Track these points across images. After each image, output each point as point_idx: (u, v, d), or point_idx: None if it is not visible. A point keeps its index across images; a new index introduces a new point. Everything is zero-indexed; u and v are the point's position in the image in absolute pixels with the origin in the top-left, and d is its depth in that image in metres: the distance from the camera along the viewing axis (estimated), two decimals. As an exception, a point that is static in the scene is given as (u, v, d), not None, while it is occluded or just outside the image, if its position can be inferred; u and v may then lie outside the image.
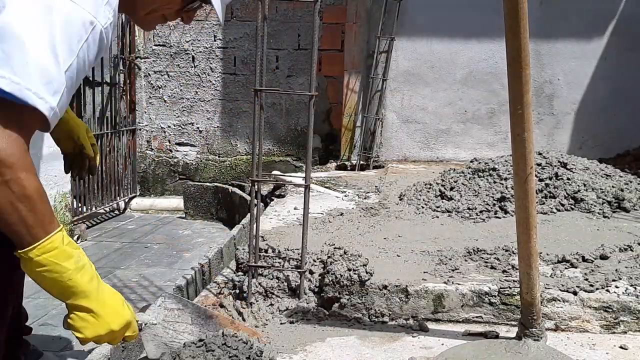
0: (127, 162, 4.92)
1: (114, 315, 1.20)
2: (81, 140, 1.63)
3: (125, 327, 1.23)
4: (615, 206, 2.66)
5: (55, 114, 1.09)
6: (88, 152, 1.67)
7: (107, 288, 1.22)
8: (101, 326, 1.18)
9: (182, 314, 1.39)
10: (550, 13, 4.36)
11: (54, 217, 1.12)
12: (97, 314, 1.17)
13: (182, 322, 1.39)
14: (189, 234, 4.04)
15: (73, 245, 1.16)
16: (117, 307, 1.21)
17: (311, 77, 1.72)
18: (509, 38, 1.25)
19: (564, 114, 4.52)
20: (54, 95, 1.07)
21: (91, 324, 1.18)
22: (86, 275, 1.15)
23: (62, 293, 1.14)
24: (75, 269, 1.13)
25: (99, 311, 1.17)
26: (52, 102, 1.07)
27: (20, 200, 1.05)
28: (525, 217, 1.39)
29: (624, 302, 1.67)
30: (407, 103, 4.63)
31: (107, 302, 1.19)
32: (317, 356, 1.52)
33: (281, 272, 1.84)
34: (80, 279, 1.14)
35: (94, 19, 1.11)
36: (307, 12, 4.70)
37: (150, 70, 5.02)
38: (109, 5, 1.15)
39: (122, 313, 1.22)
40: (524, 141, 1.33)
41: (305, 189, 1.76)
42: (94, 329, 1.18)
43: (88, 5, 1.10)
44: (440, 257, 2.00)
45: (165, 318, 1.37)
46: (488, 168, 2.91)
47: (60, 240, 1.12)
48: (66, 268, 1.12)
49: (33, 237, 1.08)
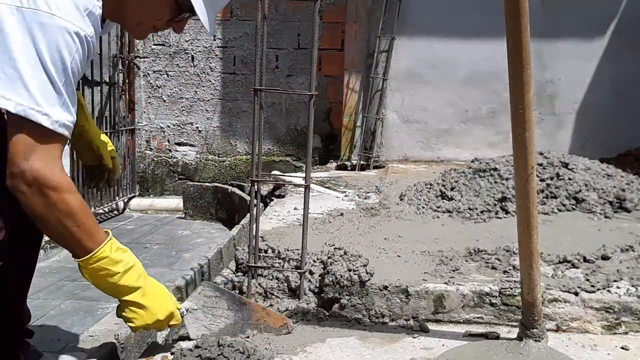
0: (126, 162, 4.91)
1: (160, 307, 1.38)
2: (100, 151, 1.64)
3: (169, 316, 1.41)
4: (616, 206, 2.66)
5: (63, 125, 1.19)
6: (107, 163, 1.67)
7: (153, 282, 1.40)
8: (149, 317, 1.37)
9: (219, 300, 1.57)
10: (551, 13, 4.35)
11: (99, 229, 1.29)
12: (145, 307, 1.36)
13: (220, 308, 1.57)
14: (188, 234, 4.03)
15: (122, 249, 1.33)
16: (162, 299, 1.39)
17: (311, 77, 1.71)
18: (509, 38, 1.25)
19: (565, 113, 4.51)
20: (54, 107, 1.16)
21: (140, 315, 1.37)
22: (134, 275, 1.34)
23: (115, 292, 1.33)
24: (124, 272, 1.31)
25: (147, 304, 1.36)
26: (55, 115, 1.16)
27: (67, 217, 1.21)
28: (527, 217, 1.38)
29: (625, 302, 1.66)
30: (407, 103, 4.62)
31: (153, 296, 1.37)
32: (317, 357, 1.51)
33: (281, 272, 1.83)
34: (129, 279, 1.32)
35: (79, 30, 1.19)
36: (307, 11, 4.69)
37: (149, 69, 5.01)
38: (90, 15, 1.22)
39: (167, 304, 1.40)
40: (525, 141, 1.32)
41: (305, 189, 1.76)
42: (143, 319, 1.37)
43: (73, 19, 1.18)
44: (441, 258, 1.99)
45: (204, 304, 1.56)
46: (489, 168, 2.91)
47: (109, 249, 1.29)
48: (116, 271, 1.30)
49: (85, 249, 1.25)
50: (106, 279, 1.29)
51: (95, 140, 1.62)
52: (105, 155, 1.65)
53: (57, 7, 1.15)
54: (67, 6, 1.17)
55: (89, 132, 1.60)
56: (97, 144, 1.62)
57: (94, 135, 1.61)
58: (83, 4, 1.21)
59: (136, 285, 1.34)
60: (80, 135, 1.57)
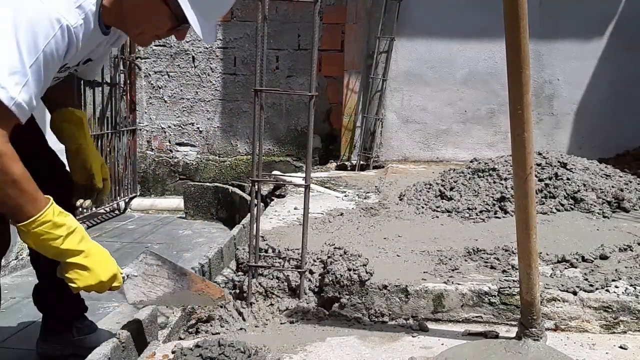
0: (127, 162, 4.92)
1: (103, 268, 1.39)
2: (92, 170, 1.68)
3: (112, 278, 1.41)
4: (615, 206, 2.67)
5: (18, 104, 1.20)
6: (97, 183, 1.71)
7: (96, 245, 1.40)
8: (92, 278, 1.38)
9: (160, 269, 1.56)
10: (550, 13, 4.36)
11: (41, 195, 1.30)
12: (88, 269, 1.37)
13: (160, 277, 1.56)
14: (189, 234, 4.04)
15: (63, 214, 1.33)
16: (105, 261, 1.40)
17: (311, 77, 1.72)
18: (508, 38, 1.26)
19: (564, 114, 4.52)
20: (16, 86, 1.18)
21: (83, 276, 1.37)
22: (76, 238, 1.34)
23: (58, 255, 1.34)
24: (66, 235, 1.32)
25: (90, 266, 1.37)
26: (13, 92, 1.18)
27: (9, 184, 1.23)
28: (525, 217, 1.39)
29: (623, 302, 1.67)
30: (407, 103, 4.63)
31: (96, 257, 1.38)
32: (317, 356, 1.52)
33: (281, 272, 1.84)
34: (71, 242, 1.33)
35: (61, 17, 1.24)
36: (307, 12, 4.70)
37: (150, 70, 5.02)
38: (80, 8, 1.29)
39: (110, 266, 1.41)
40: (524, 141, 1.33)
41: (306, 189, 1.77)
42: (86, 280, 1.37)
43: (57, 6, 1.24)
44: (440, 257, 2.00)
45: (145, 271, 1.55)
46: (488, 168, 2.92)
47: (52, 213, 1.30)
48: (58, 235, 1.31)
49: (27, 214, 1.26)
50: (49, 242, 1.30)
51: (89, 159, 1.66)
52: (97, 175, 1.70)
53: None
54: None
55: (86, 150, 1.65)
56: (91, 164, 1.66)
57: (89, 154, 1.66)
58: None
59: (79, 248, 1.35)
60: (77, 153, 1.63)
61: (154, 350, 1.59)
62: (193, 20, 1.36)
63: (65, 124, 1.65)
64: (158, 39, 1.50)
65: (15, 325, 2.28)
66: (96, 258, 1.38)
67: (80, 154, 1.65)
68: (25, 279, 2.94)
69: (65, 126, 1.65)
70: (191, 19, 1.35)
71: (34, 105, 1.26)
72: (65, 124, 1.65)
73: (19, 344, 2.11)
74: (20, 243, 3.11)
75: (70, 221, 1.34)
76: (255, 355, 1.39)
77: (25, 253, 3.14)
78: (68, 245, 1.33)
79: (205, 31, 1.40)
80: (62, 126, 1.65)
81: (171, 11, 1.37)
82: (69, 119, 1.65)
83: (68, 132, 1.65)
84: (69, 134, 1.66)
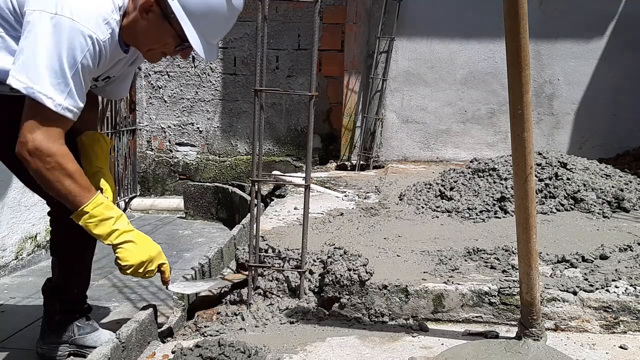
0: (127, 162, 4.92)
1: (150, 245, 1.62)
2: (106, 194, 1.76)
3: (159, 254, 1.64)
4: (615, 206, 2.67)
5: (66, 109, 1.45)
6: None
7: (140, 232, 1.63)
8: (142, 252, 1.59)
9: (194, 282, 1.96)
10: (550, 13, 4.36)
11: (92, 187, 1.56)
12: (137, 243, 1.58)
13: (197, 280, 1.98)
14: (189, 234, 4.04)
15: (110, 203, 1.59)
16: (149, 240, 1.63)
17: (311, 77, 1.72)
18: (508, 38, 1.26)
19: (564, 114, 4.52)
20: (60, 93, 1.43)
21: (133, 252, 1.58)
22: (125, 220, 1.59)
23: (111, 234, 1.55)
24: (117, 216, 1.57)
25: (138, 241, 1.59)
26: (59, 100, 1.43)
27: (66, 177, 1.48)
28: (525, 217, 1.39)
29: (623, 302, 1.67)
30: (407, 103, 4.63)
31: (142, 236, 1.62)
32: (317, 356, 1.52)
33: (281, 272, 1.84)
34: (122, 222, 1.58)
35: (93, 33, 1.45)
36: (307, 12, 4.70)
37: (150, 70, 5.02)
38: (108, 25, 1.50)
39: (154, 244, 1.64)
40: (524, 141, 1.33)
41: (305, 189, 1.77)
42: (137, 255, 1.58)
43: (89, 24, 1.45)
44: (440, 257, 2.00)
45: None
46: (488, 168, 2.91)
47: (102, 198, 1.57)
48: (111, 215, 1.55)
49: (82, 199, 1.51)
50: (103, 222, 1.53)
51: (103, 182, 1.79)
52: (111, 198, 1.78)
53: (78, 15, 1.43)
54: (88, 15, 1.45)
55: (104, 175, 1.80)
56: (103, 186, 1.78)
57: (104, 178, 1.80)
58: (102, 16, 1.48)
59: (128, 227, 1.58)
60: (94, 176, 1.76)
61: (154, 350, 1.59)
62: (194, 40, 1.52)
63: (95, 148, 1.80)
64: (165, 56, 1.67)
65: (15, 325, 2.28)
66: (142, 236, 1.61)
67: (97, 176, 1.76)
68: (25, 279, 2.94)
69: (95, 149, 1.80)
70: (192, 40, 1.52)
71: (80, 106, 1.48)
72: (95, 147, 1.80)
73: (19, 344, 2.11)
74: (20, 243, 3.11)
75: (117, 208, 1.58)
76: (255, 355, 1.39)
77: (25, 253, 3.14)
78: (119, 224, 1.56)
79: (207, 50, 1.55)
80: (90, 149, 1.79)
81: (175, 32, 1.54)
82: (98, 144, 1.81)
83: (94, 155, 1.79)
84: (94, 157, 1.79)
